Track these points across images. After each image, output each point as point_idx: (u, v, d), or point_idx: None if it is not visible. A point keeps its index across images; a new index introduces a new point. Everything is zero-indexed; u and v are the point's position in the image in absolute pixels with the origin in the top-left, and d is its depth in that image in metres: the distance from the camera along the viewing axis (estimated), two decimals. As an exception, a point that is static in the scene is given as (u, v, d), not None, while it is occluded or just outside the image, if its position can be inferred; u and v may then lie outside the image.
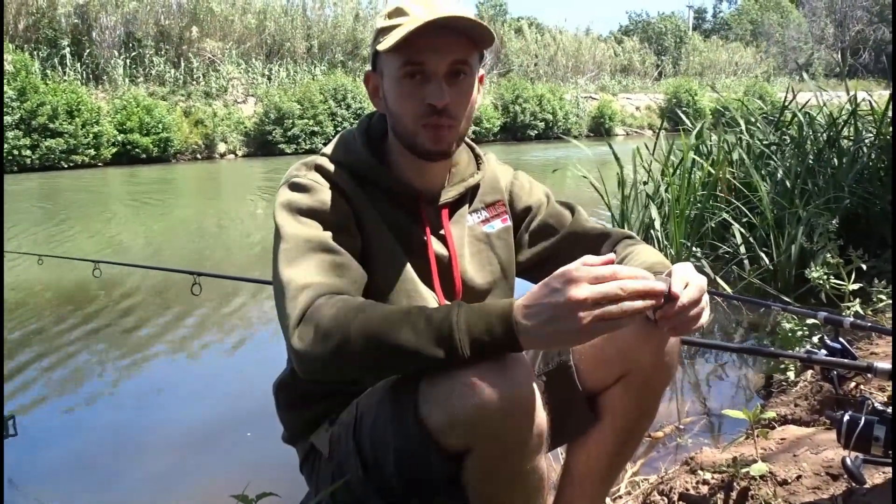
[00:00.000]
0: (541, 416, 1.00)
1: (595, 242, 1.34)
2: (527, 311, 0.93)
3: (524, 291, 1.43)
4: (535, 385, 0.98)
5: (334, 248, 1.13)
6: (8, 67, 14.73)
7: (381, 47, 1.15)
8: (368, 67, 1.27)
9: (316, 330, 1.00)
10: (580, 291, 0.90)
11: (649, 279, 0.93)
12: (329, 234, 1.14)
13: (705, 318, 1.02)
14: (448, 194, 1.29)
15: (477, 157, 1.37)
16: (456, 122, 1.18)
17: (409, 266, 1.23)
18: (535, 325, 0.92)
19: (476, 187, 1.35)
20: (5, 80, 14.51)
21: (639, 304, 0.91)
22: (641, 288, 0.91)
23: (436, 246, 1.26)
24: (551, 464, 1.51)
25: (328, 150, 1.27)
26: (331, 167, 1.22)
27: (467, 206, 1.33)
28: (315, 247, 1.12)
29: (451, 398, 0.97)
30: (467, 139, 1.36)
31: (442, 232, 1.28)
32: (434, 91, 1.14)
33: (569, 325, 0.90)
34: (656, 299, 0.94)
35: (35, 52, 17.32)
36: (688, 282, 1.01)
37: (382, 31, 1.17)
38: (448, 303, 1.23)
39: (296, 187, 1.19)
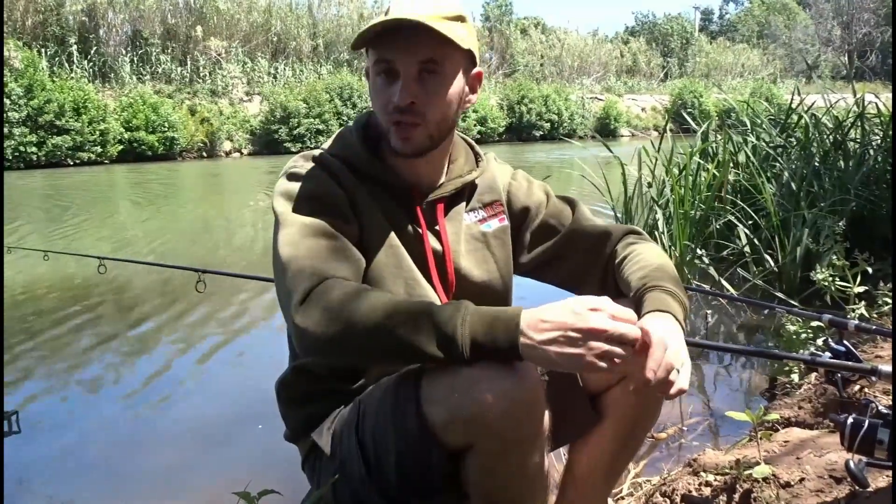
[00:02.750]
0: (543, 415, 1.00)
1: (597, 240, 1.34)
2: (539, 324, 0.94)
3: (522, 291, 1.44)
4: (537, 383, 0.99)
5: (333, 233, 1.14)
6: (16, 64, 14.78)
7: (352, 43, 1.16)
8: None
9: (322, 311, 1.01)
10: (601, 322, 0.93)
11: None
12: (328, 220, 1.15)
13: (681, 383, 1.00)
14: (444, 190, 1.29)
15: (476, 156, 1.37)
16: (423, 121, 1.17)
17: (407, 257, 1.23)
18: (543, 341, 0.93)
19: (474, 187, 1.35)
20: (13, 78, 14.57)
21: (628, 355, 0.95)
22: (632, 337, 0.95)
23: (431, 241, 1.26)
24: (553, 464, 1.51)
25: (326, 145, 1.28)
26: (329, 159, 1.23)
27: (464, 204, 1.33)
28: (315, 232, 1.13)
29: (452, 395, 0.97)
30: (467, 138, 1.36)
31: (437, 227, 1.28)
32: (397, 89, 1.14)
33: (576, 350, 0.92)
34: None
35: (42, 50, 17.38)
36: (666, 346, 0.99)
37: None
38: (450, 300, 1.23)
39: (294, 177, 1.20)
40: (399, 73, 1.14)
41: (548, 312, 0.95)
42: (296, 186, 1.19)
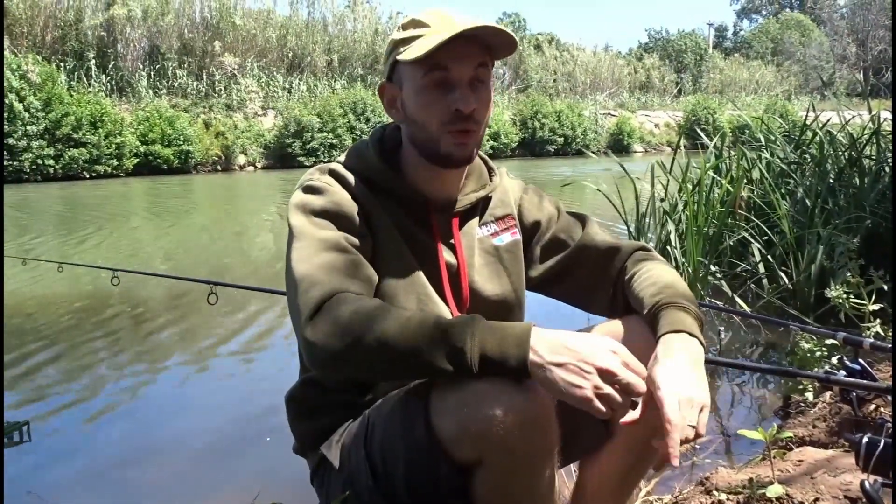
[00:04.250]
0: (553, 430, 1.00)
1: (606, 256, 1.33)
2: (556, 346, 0.94)
3: (535, 305, 1.44)
4: (548, 398, 0.98)
5: (347, 248, 1.14)
6: (34, 78, 15.01)
7: (404, 57, 1.16)
8: (383, 79, 1.27)
9: (332, 325, 1.01)
10: (614, 364, 0.94)
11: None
12: (342, 234, 1.16)
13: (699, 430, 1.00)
14: (459, 204, 1.29)
15: (490, 171, 1.38)
16: (479, 127, 1.20)
17: (420, 272, 1.23)
18: (554, 362, 0.94)
19: (487, 201, 1.35)
20: (31, 91, 14.79)
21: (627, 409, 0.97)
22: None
23: (445, 254, 1.27)
24: (564, 480, 1.50)
25: (342, 158, 1.29)
26: (344, 172, 1.23)
27: (477, 218, 1.33)
28: (329, 246, 1.13)
29: (462, 409, 0.97)
30: (480, 153, 1.37)
31: (452, 241, 1.28)
32: (460, 97, 1.15)
33: (581, 381, 0.93)
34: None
35: (62, 64, 17.65)
36: (679, 399, 0.99)
37: (401, 43, 1.18)
38: (462, 314, 1.23)
39: (310, 189, 1.21)
40: (454, 83, 1.16)
41: (568, 338, 0.96)
42: (311, 199, 1.19)
